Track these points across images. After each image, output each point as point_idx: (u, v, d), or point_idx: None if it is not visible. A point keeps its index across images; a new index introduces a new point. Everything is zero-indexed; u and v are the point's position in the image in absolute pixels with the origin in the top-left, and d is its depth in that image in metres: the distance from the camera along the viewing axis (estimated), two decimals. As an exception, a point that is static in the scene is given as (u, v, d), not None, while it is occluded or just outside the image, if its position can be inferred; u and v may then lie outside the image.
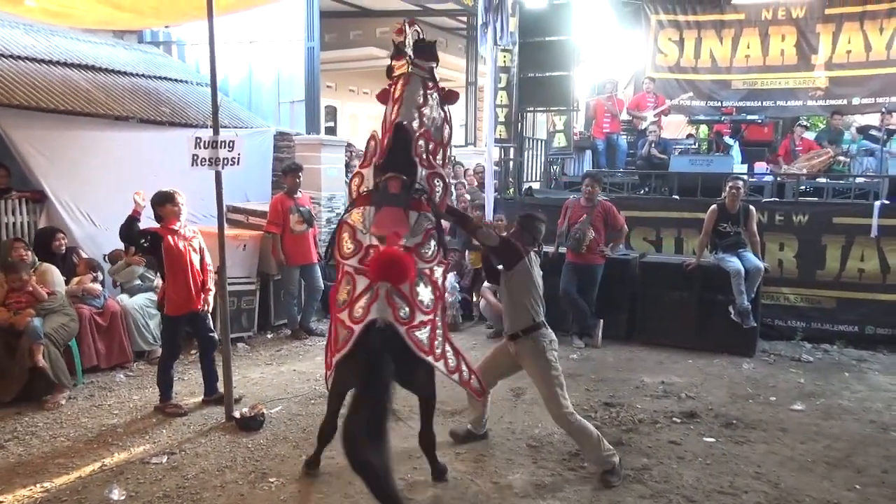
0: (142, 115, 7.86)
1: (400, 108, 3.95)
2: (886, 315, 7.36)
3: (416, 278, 3.64)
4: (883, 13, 11.06)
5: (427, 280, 3.74)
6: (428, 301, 3.70)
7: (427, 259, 3.75)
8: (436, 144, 4.07)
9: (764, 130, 11.24)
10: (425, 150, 3.93)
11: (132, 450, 4.62)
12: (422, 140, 3.92)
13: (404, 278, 3.55)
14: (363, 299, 3.61)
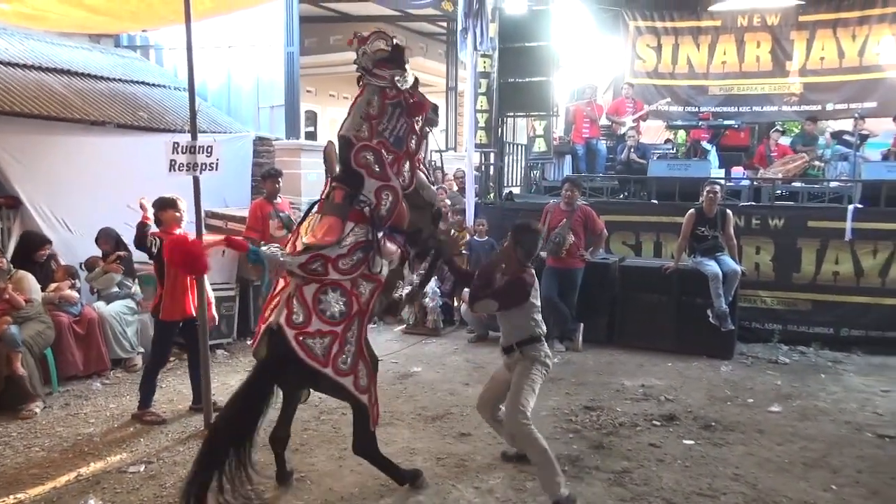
0: (119, 120, 7.78)
1: (346, 119, 3.91)
2: (860, 317, 7.48)
3: (324, 287, 3.62)
4: (855, 21, 11.28)
5: (343, 292, 3.65)
6: (334, 313, 3.62)
7: (343, 271, 3.65)
8: (397, 156, 3.89)
9: (740, 135, 11.40)
10: (376, 161, 3.78)
11: (109, 459, 4.55)
12: (369, 152, 3.77)
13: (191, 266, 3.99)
14: (274, 301, 3.75)
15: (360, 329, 3.71)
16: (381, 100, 3.84)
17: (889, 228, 7.43)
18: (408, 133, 3.94)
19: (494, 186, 9.76)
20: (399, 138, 3.90)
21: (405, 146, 3.93)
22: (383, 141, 3.85)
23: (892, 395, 6.02)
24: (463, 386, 6.08)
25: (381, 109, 3.84)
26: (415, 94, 3.94)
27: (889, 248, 7.41)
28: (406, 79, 3.90)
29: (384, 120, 3.85)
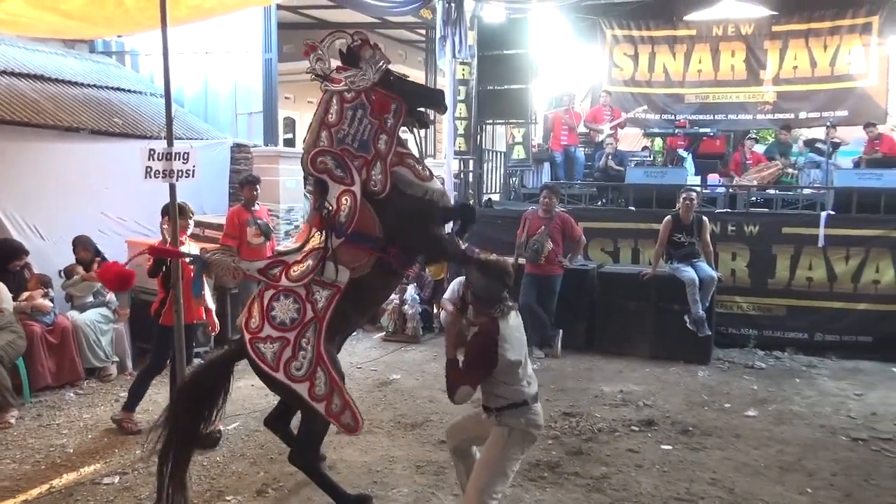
0: (93, 126, 7.67)
1: (306, 133, 3.89)
2: (834, 322, 7.60)
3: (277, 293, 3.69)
4: (826, 31, 11.48)
5: (296, 299, 3.67)
6: (284, 320, 3.66)
7: (293, 278, 3.68)
8: (365, 160, 3.71)
9: (716, 143, 11.54)
10: (337, 166, 3.69)
11: (82, 470, 4.48)
12: (328, 156, 3.70)
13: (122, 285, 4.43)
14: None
15: (317, 336, 3.68)
16: (340, 105, 3.72)
17: (860, 235, 7.56)
18: (375, 134, 3.73)
19: (473, 193, 9.79)
20: (364, 142, 3.72)
21: (373, 148, 3.73)
22: (346, 148, 3.72)
23: (865, 399, 6.12)
24: (442, 393, 6.02)
25: (340, 115, 3.72)
26: (377, 92, 3.71)
27: (861, 254, 7.53)
28: (364, 76, 3.71)
29: (344, 126, 3.71)
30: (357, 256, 3.76)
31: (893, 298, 7.48)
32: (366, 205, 3.73)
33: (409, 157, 3.89)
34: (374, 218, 3.78)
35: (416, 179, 3.84)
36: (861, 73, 11.36)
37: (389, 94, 3.73)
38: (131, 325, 6.84)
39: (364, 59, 3.71)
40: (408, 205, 3.82)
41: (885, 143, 10.00)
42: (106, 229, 7.37)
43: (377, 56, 3.74)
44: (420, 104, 3.94)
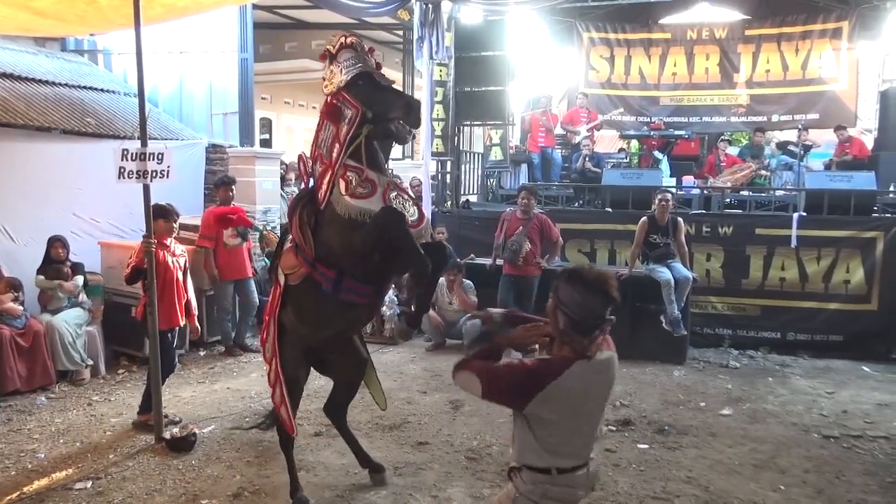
0: (65, 126, 7.55)
1: None
2: (806, 321, 7.72)
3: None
4: (798, 35, 11.69)
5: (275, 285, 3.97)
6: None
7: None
8: (325, 166, 3.59)
9: (691, 145, 11.67)
10: (308, 172, 3.76)
11: (54, 476, 4.40)
12: (301, 163, 3.82)
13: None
14: None
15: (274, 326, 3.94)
16: (324, 109, 3.68)
17: (831, 236, 7.70)
18: (332, 142, 3.57)
19: (451, 195, 9.79)
20: (327, 148, 3.60)
21: (330, 155, 3.57)
22: (320, 153, 3.64)
23: (836, 397, 6.22)
24: (420, 395, 6.06)
25: (321, 119, 3.67)
26: (342, 96, 3.53)
27: (832, 254, 7.67)
28: (333, 80, 3.59)
29: (322, 130, 3.64)
30: (290, 263, 3.76)
31: (863, 298, 7.63)
32: (307, 218, 3.66)
33: (353, 169, 3.51)
34: (305, 232, 3.65)
35: (345, 194, 3.46)
36: (832, 76, 11.58)
37: (349, 100, 3.52)
38: (104, 328, 6.73)
39: (339, 62, 3.58)
40: (330, 221, 3.55)
41: (854, 146, 10.20)
42: (78, 231, 7.26)
43: (352, 59, 3.58)
44: (386, 114, 3.52)
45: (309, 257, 3.62)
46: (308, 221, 3.63)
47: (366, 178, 3.49)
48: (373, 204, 3.45)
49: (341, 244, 3.52)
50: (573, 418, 2.43)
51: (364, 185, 3.49)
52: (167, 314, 5.18)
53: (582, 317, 2.40)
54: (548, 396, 2.36)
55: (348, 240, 3.48)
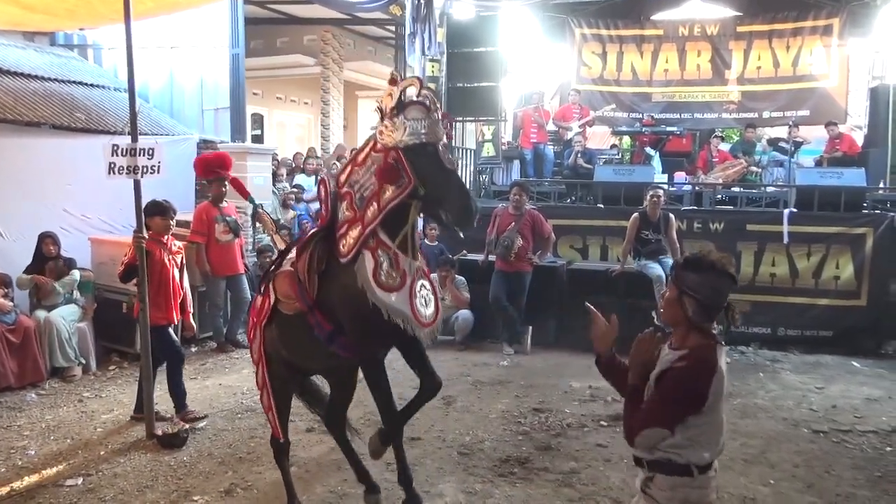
0: (54, 121, 7.50)
1: None
2: (796, 317, 7.77)
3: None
4: (788, 32, 11.73)
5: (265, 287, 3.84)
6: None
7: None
8: (354, 217, 3.26)
9: (682, 142, 11.68)
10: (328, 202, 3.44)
11: (44, 473, 4.38)
12: (323, 187, 3.54)
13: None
14: None
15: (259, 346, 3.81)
16: (370, 149, 3.29)
17: (822, 232, 7.74)
18: (370, 197, 3.21)
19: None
20: (362, 198, 3.26)
21: (363, 211, 3.23)
22: (350, 192, 3.31)
23: (826, 392, 6.27)
24: (412, 390, 6.00)
25: (365, 158, 3.30)
26: (399, 157, 3.09)
27: (822, 250, 7.71)
28: (392, 134, 3.13)
29: (362, 170, 3.29)
30: (285, 292, 3.52)
31: (853, 294, 7.68)
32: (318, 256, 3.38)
33: (385, 248, 3.20)
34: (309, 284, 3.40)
35: (372, 280, 3.17)
36: (822, 73, 11.64)
37: (406, 168, 3.09)
38: (95, 324, 6.71)
39: (406, 117, 3.12)
40: (346, 286, 3.25)
41: (845, 143, 10.25)
42: (68, 226, 7.22)
43: (423, 121, 3.10)
44: (439, 203, 3.16)
45: (308, 300, 3.38)
46: (318, 266, 3.36)
47: (397, 263, 3.21)
48: (399, 302, 3.19)
49: (349, 316, 3.33)
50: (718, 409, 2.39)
51: (394, 274, 3.21)
52: (164, 310, 5.17)
53: (714, 301, 2.39)
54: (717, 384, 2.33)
55: (358, 316, 3.28)
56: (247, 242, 7.97)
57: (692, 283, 2.42)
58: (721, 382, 2.34)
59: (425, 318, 3.32)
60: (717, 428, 2.41)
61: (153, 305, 5.03)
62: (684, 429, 2.34)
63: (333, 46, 15.10)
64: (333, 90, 15.45)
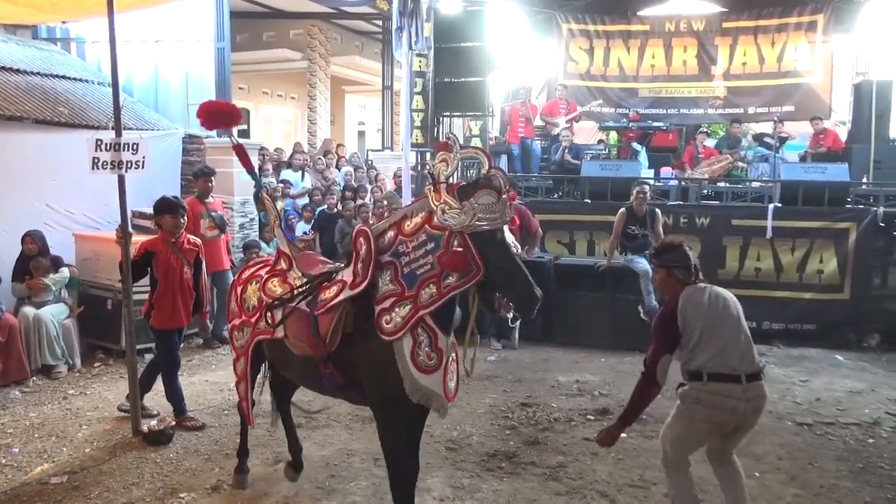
0: (37, 115, 7.40)
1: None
2: (780, 311, 7.84)
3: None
4: (774, 28, 11.81)
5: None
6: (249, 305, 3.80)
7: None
8: (400, 293, 3.11)
9: (669, 137, 11.74)
10: (364, 261, 3.17)
11: (28, 471, 4.34)
12: (364, 241, 3.18)
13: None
14: None
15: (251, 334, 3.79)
16: (423, 222, 3.10)
17: (806, 226, 7.81)
18: (425, 280, 3.05)
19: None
20: (412, 275, 3.09)
21: (413, 291, 3.07)
22: (394, 262, 3.14)
23: (810, 385, 6.33)
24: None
25: (415, 230, 3.11)
26: (465, 243, 2.94)
27: (806, 245, 7.78)
28: (457, 217, 2.93)
29: (410, 243, 3.10)
30: (297, 334, 3.40)
31: (836, 288, 7.76)
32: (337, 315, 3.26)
33: (427, 329, 3.08)
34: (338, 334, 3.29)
35: (410, 361, 3.06)
36: (807, 69, 11.72)
37: (476, 255, 2.95)
38: (79, 321, 6.65)
39: (477, 202, 2.92)
40: (376, 354, 3.15)
41: (829, 138, 10.33)
42: (52, 222, 7.15)
43: (493, 207, 2.93)
44: (501, 290, 3.13)
45: (324, 352, 3.29)
46: (345, 326, 3.26)
47: (437, 346, 3.10)
48: (432, 383, 3.11)
49: (375, 387, 3.26)
50: (711, 327, 3.33)
51: (432, 354, 3.10)
52: (171, 314, 4.95)
53: (689, 262, 3.56)
54: (683, 316, 3.37)
55: (385, 388, 3.18)
56: (232, 238, 7.92)
57: (671, 259, 3.60)
58: (695, 309, 3.37)
59: (451, 392, 3.23)
60: (715, 342, 3.32)
61: (157, 309, 4.93)
62: (685, 348, 3.38)
63: (320, 41, 15.05)
64: (320, 85, 15.40)
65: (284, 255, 3.74)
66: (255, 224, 8.64)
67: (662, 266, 3.62)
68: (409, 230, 3.13)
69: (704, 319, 3.34)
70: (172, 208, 5.01)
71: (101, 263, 6.84)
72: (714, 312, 3.37)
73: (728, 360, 3.29)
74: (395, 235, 3.16)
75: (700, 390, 3.31)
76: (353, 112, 20.38)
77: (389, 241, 3.17)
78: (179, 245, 5.05)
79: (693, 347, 3.33)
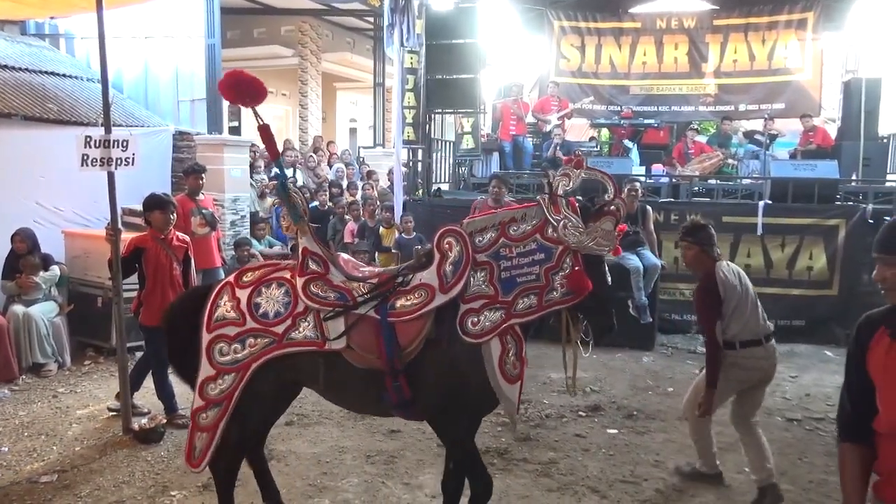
0: (25, 112, 7.36)
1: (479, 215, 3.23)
2: (770, 307, 7.65)
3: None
4: (764, 26, 11.87)
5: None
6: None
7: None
8: (492, 297, 3.02)
9: (660, 134, 11.79)
10: (457, 264, 3.05)
11: (18, 469, 4.32)
12: (458, 244, 3.07)
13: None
14: None
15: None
16: (534, 230, 3.05)
17: (796, 223, 7.85)
18: (527, 289, 3.02)
19: (423, 183, 9.77)
20: (511, 281, 3.02)
21: (509, 297, 3.02)
22: (491, 264, 3.04)
23: (799, 381, 6.37)
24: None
25: (524, 237, 3.05)
26: (578, 262, 3.00)
27: (795, 241, 7.83)
28: (577, 235, 2.99)
29: (515, 248, 3.04)
30: (366, 342, 3.09)
31: (825, 284, 7.81)
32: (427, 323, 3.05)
33: (516, 338, 3.06)
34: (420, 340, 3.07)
35: (497, 369, 3.03)
36: (797, 67, 11.79)
37: (586, 275, 3.01)
38: (69, 319, 6.61)
39: (602, 225, 3.01)
40: (452, 371, 3.08)
41: (819, 135, 10.39)
42: (41, 220, 7.11)
43: (610, 234, 3.03)
44: (588, 314, 3.17)
45: (396, 365, 3.04)
46: (428, 334, 3.06)
47: (521, 355, 3.09)
48: (512, 392, 3.09)
49: (448, 392, 3.11)
50: (738, 299, 3.93)
51: (517, 364, 3.08)
52: (160, 311, 4.73)
53: (714, 240, 4.06)
54: (724, 287, 3.92)
55: (460, 395, 3.11)
56: (223, 235, 7.89)
57: (703, 237, 4.03)
58: (729, 282, 3.94)
59: (519, 400, 3.22)
60: (742, 312, 3.93)
61: (146, 306, 4.92)
62: (723, 319, 3.90)
63: (311, 37, 14.98)
64: (311, 82, 15.34)
65: (315, 256, 3.22)
66: (245, 221, 8.61)
67: (697, 244, 4.00)
68: (516, 235, 3.06)
69: (735, 291, 3.91)
70: (162, 205, 5.00)
71: (90, 261, 6.80)
72: (739, 285, 3.96)
73: (752, 327, 3.94)
74: (496, 237, 3.07)
75: (736, 356, 3.91)
76: (344, 109, 20.32)
77: (490, 242, 3.07)
78: (169, 242, 5.03)
79: (727, 318, 3.90)
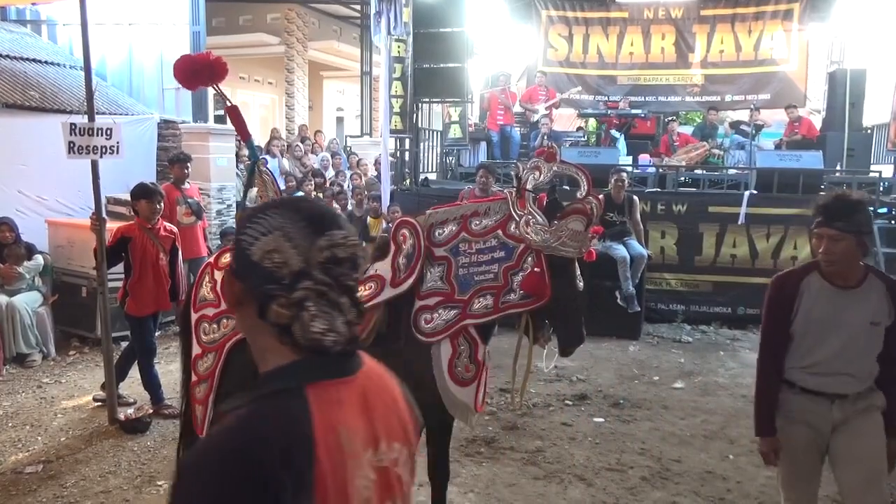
0: (7, 99, 7.26)
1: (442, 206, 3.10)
2: (755, 296, 7.88)
3: None
4: (750, 16, 11.90)
5: None
6: None
7: None
8: (445, 295, 2.90)
9: (647, 124, 11.81)
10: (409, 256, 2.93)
11: (3, 460, 4.29)
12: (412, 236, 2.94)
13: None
14: None
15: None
16: (496, 226, 2.89)
17: (781, 213, 7.90)
18: (484, 289, 2.87)
19: (410, 172, 9.74)
20: (468, 279, 2.88)
21: (465, 296, 2.88)
22: (449, 259, 2.90)
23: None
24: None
25: (485, 233, 2.89)
26: (540, 262, 2.76)
27: (780, 231, 7.89)
28: (541, 234, 2.77)
29: (475, 244, 2.89)
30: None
31: (810, 274, 7.87)
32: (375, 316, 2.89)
33: (470, 340, 2.97)
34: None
35: (446, 372, 2.91)
36: (783, 57, 11.84)
37: (548, 281, 2.78)
38: (54, 309, 6.56)
39: (568, 225, 2.78)
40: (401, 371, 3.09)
41: (804, 126, 10.46)
42: (24, 209, 7.04)
43: (581, 236, 2.80)
44: (553, 319, 3.06)
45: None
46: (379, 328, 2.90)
47: (476, 357, 2.97)
48: (465, 395, 2.96)
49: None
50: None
51: (470, 367, 2.96)
52: (146, 300, 4.91)
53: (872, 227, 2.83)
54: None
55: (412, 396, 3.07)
56: (209, 225, 7.84)
57: (865, 221, 2.48)
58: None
59: (480, 402, 3.04)
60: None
61: (132, 296, 4.89)
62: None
63: (297, 25, 14.87)
64: (298, 70, 15.24)
65: None
66: (231, 211, 8.56)
67: (851, 231, 2.46)
68: (477, 230, 2.90)
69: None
70: (149, 194, 4.95)
71: (74, 250, 6.74)
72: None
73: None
74: (457, 231, 2.92)
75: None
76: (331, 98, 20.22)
77: (450, 236, 2.92)
78: (156, 232, 5.00)
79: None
